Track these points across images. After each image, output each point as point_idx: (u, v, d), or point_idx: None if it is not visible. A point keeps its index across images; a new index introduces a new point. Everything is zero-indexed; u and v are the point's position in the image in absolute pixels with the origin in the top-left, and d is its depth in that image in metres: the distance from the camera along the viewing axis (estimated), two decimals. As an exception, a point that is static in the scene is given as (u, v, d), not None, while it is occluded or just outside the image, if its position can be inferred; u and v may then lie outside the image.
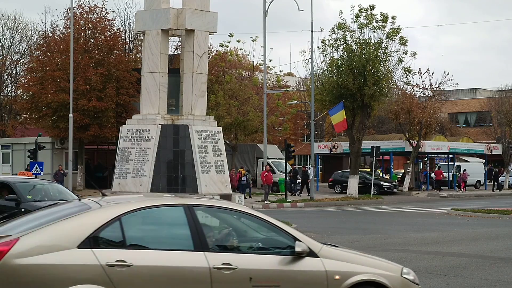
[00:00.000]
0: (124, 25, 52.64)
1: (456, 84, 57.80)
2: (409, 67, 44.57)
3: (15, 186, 18.85)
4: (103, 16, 47.87)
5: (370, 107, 44.13)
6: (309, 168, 48.22)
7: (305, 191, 47.91)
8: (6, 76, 59.66)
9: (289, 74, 72.73)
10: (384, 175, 62.95)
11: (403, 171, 61.82)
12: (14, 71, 60.26)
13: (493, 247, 20.03)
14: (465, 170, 59.64)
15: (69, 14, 42.33)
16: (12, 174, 48.94)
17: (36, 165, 40.67)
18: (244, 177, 42.49)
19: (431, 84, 55.81)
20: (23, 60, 58.61)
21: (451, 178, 61.20)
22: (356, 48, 43.16)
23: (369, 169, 55.37)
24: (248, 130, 50.17)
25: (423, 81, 55.06)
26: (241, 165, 49.60)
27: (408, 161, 58.15)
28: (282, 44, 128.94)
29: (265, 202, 39.84)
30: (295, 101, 56.99)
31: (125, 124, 25.77)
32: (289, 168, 51.00)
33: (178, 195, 9.41)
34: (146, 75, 25.08)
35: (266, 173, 42.34)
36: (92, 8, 47.73)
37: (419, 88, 55.41)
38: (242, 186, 43.05)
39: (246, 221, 8.76)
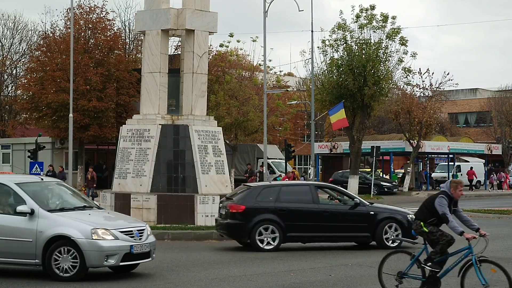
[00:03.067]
0: (124, 25, 52.66)
1: (456, 84, 57.86)
2: (409, 67, 44.60)
3: None
4: (103, 16, 47.88)
5: (370, 107, 44.12)
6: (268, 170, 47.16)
7: None
8: (6, 76, 59.66)
9: (289, 74, 72.66)
10: (384, 175, 62.98)
11: (403, 171, 61.86)
12: (14, 71, 60.28)
13: (493, 247, 20.00)
14: (502, 171, 60.75)
15: (69, 14, 42.30)
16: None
17: (36, 165, 40.71)
18: (302, 177, 41.15)
19: (431, 84, 55.83)
20: (23, 60, 58.61)
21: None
22: (356, 48, 43.14)
23: (369, 169, 55.38)
24: (248, 130, 50.12)
25: (423, 81, 55.10)
26: (294, 167, 47.84)
27: (408, 161, 58.16)
28: (282, 44, 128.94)
29: None
30: (295, 101, 56.93)
31: (125, 124, 25.74)
32: (245, 167, 50.92)
33: None
34: (146, 75, 25.06)
35: (287, 179, 40.42)
36: (92, 8, 47.74)
37: (419, 88, 55.43)
38: None
39: None
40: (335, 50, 43.82)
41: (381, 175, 61.43)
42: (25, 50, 58.67)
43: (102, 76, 45.10)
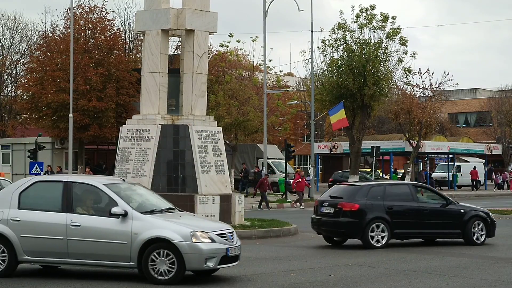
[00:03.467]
0: (124, 25, 52.63)
1: (456, 84, 57.78)
2: (409, 67, 44.56)
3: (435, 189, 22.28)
4: (103, 16, 47.83)
5: (370, 107, 44.10)
6: (262, 169, 46.55)
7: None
8: (6, 76, 59.65)
9: (289, 74, 72.70)
10: (384, 175, 63.01)
11: (402, 171, 61.88)
12: (14, 71, 60.26)
13: (493, 247, 20.04)
14: (506, 171, 60.91)
15: (69, 14, 42.31)
16: (12, 175, 48.99)
17: (36, 165, 40.72)
18: (309, 177, 40.36)
19: (431, 84, 55.80)
20: (23, 60, 58.59)
21: (451, 178, 61.33)
22: (356, 48, 43.11)
23: (369, 169, 55.35)
24: (248, 130, 50.13)
25: (423, 81, 55.08)
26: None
27: (408, 161, 58.17)
28: (282, 44, 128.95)
29: (301, 207, 38.85)
30: (295, 101, 56.93)
31: (125, 124, 25.74)
32: (241, 166, 50.74)
33: None
34: (146, 75, 25.06)
35: (300, 179, 39.38)
36: (92, 8, 47.71)
37: (419, 88, 55.40)
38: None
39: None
40: (335, 50, 43.80)
41: (381, 175, 61.47)
42: (25, 50, 58.64)
43: (102, 76, 45.08)
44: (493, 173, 62.85)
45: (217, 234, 13.35)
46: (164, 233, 13.03)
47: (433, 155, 69.04)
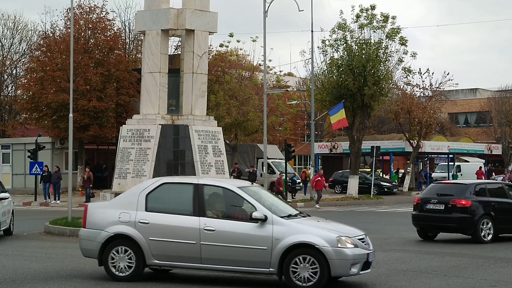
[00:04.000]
0: (124, 25, 52.67)
1: (456, 84, 57.71)
2: (409, 67, 44.57)
3: None
4: (103, 16, 47.87)
5: (370, 107, 44.11)
6: (256, 170, 46.83)
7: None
8: (6, 76, 59.62)
9: (289, 74, 72.69)
10: (384, 175, 63.00)
11: (403, 171, 61.86)
12: (14, 71, 60.22)
13: (493, 247, 20.05)
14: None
15: (69, 14, 42.25)
16: (12, 175, 49.01)
17: (36, 165, 40.71)
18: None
19: (431, 84, 55.77)
20: (23, 60, 58.56)
21: (451, 178, 61.33)
22: (356, 48, 43.13)
23: (369, 169, 55.29)
24: (248, 130, 50.13)
25: (423, 81, 55.06)
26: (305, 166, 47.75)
27: (408, 161, 58.18)
28: (282, 44, 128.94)
29: (317, 206, 39.05)
30: (295, 101, 56.94)
31: (125, 124, 25.76)
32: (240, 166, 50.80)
33: None
34: (146, 75, 25.07)
35: (319, 178, 39.47)
36: (92, 8, 47.73)
37: (419, 88, 55.38)
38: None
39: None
40: (335, 50, 43.82)
41: (381, 175, 61.46)
42: (25, 50, 58.61)
43: (102, 76, 45.09)
44: (493, 173, 62.83)
45: (359, 239, 12.97)
46: (310, 239, 12.56)
47: (433, 155, 69.02)
